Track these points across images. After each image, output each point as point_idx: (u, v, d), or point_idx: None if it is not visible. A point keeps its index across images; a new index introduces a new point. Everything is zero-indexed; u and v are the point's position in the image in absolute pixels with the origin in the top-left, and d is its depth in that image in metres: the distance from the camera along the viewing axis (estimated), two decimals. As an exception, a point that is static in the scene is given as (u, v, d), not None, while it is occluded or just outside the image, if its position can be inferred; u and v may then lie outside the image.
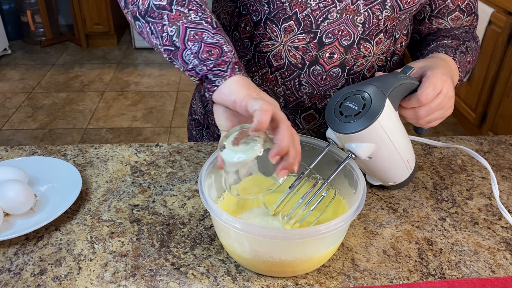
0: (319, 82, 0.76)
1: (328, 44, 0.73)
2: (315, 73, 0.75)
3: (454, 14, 0.82)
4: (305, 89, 0.77)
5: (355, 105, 0.60)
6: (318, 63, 0.74)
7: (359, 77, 0.78)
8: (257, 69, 0.79)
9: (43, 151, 0.84)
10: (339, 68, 0.75)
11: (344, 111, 0.60)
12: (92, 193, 0.74)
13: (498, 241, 0.66)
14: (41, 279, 0.59)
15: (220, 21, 0.82)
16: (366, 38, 0.74)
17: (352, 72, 0.76)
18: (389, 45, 0.78)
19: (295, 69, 0.76)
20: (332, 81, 0.77)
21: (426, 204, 0.73)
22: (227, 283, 0.59)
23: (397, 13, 0.73)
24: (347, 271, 0.61)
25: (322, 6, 0.70)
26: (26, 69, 3.33)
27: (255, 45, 0.76)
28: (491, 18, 2.32)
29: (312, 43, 0.73)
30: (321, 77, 0.76)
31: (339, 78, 0.77)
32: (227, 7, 0.79)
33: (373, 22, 0.72)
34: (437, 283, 0.59)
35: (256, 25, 0.75)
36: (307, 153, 0.68)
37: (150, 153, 0.84)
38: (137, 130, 2.66)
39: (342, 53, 0.74)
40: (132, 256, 0.63)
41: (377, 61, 0.78)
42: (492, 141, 0.90)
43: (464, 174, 0.80)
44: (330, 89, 0.78)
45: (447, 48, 0.75)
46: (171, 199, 0.73)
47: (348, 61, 0.75)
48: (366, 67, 0.77)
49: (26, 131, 2.61)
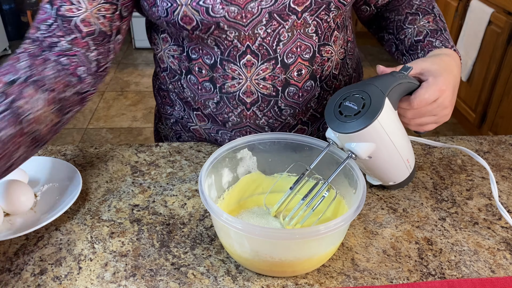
0: (297, 100, 0.76)
1: (292, 63, 0.72)
2: (291, 94, 0.75)
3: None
4: (287, 112, 0.77)
5: (355, 105, 0.60)
6: (290, 84, 0.74)
7: (331, 79, 0.78)
8: (231, 110, 0.77)
9: (43, 151, 0.84)
10: (311, 80, 0.75)
11: (344, 111, 0.61)
12: (92, 193, 0.74)
13: (498, 241, 0.66)
14: (41, 279, 0.59)
15: (164, 64, 0.80)
16: (324, 43, 0.73)
17: (323, 78, 0.76)
18: (344, 36, 0.78)
19: (271, 99, 0.75)
20: (308, 95, 0.76)
21: (426, 204, 0.73)
22: (227, 283, 0.59)
23: (343, 8, 0.72)
24: (347, 271, 0.61)
25: (271, 31, 0.69)
26: (26, 69, 3.33)
27: (220, 88, 0.75)
28: (491, 18, 2.32)
29: (277, 69, 0.72)
30: (298, 95, 0.75)
31: (315, 89, 0.76)
32: (171, 51, 0.76)
33: (324, 27, 0.72)
34: (437, 283, 0.59)
35: (213, 68, 0.73)
36: (307, 153, 0.68)
37: (150, 153, 0.84)
38: (137, 130, 2.66)
39: (308, 66, 0.73)
40: (132, 256, 0.63)
41: (339, 56, 0.78)
42: (492, 141, 0.90)
43: (464, 174, 0.80)
44: (309, 102, 0.78)
45: (437, 36, 0.73)
46: (171, 199, 0.73)
47: (316, 70, 0.75)
48: (333, 67, 0.77)
49: (26, 131, 2.61)
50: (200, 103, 0.79)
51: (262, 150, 0.69)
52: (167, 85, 0.83)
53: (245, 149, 0.68)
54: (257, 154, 0.69)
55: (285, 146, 0.69)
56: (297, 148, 0.68)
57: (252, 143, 0.68)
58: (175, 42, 0.74)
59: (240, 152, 0.68)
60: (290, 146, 0.68)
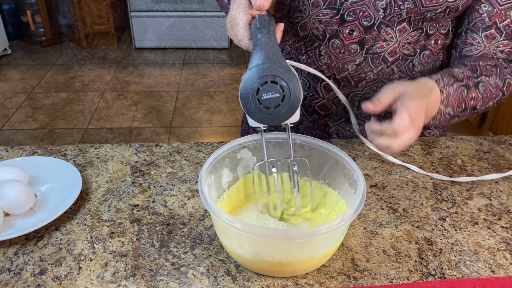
0: (337, 55, 0.82)
1: (349, 21, 0.78)
2: (334, 46, 0.81)
3: (489, 31, 0.78)
4: (324, 60, 0.83)
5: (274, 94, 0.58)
6: (338, 37, 0.80)
7: (379, 58, 0.81)
8: (288, 38, 0.88)
9: (43, 151, 0.84)
10: (358, 45, 0.80)
11: (264, 102, 0.58)
12: (92, 193, 0.74)
13: (498, 241, 0.66)
14: (41, 279, 0.59)
15: (306, 32, 0.85)
16: (387, 23, 0.77)
17: (371, 52, 0.80)
18: (417, 37, 0.80)
19: (316, 40, 0.83)
20: (349, 56, 0.81)
21: (426, 204, 0.73)
22: (227, 283, 0.59)
23: (420, 8, 0.75)
24: (347, 271, 0.61)
25: None
26: (26, 69, 3.33)
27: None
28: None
29: (335, 19, 0.78)
30: (339, 51, 0.81)
31: (357, 55, 0.81)
32: (319, 16, 0.80)
33: (394, 10, 0.76)
34: (437, 283, 0.59)
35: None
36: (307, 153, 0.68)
37: (150, 153, 0.84)
38: (137, 130, 2.66)
39: (361, 31, 0.79)
40: (132, 256, 0.63)
41: (401, 48, 0.81)
42: (492, 141, 0.90)
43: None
44: (347, 63, 0.82)
45: (446, 76, 0.73)
46: (171, 199, 0.73)
47: (368, 40, 0.80)
48: (387, 50, 0.80)
49: (26, 131, 2.61)
50: (335, 68, 0.84)
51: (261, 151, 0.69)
52: (298, 57, 0.88)
53: (245, 149, 0.68)
54: (257, 154, 0.69)
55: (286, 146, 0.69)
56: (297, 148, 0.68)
57: (252, 143, 0.68)
58: (329, 5, 0.78)
59: (240, 152, 0.68)
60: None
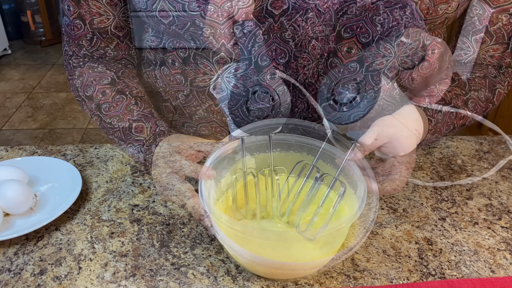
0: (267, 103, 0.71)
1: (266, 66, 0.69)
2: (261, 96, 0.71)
3: (479, 35, 0.75)
4: (255, 114, 0.72)
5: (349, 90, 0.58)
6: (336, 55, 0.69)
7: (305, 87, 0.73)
8: (199, 104, 0.79)
9: (43, 151, 0.84)
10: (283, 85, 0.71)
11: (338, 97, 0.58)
12: (92, 193, 0.74)
13: (498, 241, 0.66)
14: (41, 279, 0.59)
15: (142, 54, 0.83)
16: (385, 38, 0.67)
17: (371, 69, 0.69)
18: (415, 49, 0.68)
19: (240, 98, 0.71)
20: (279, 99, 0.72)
21: (426, 204, 0.73)
22: (227, 283, 0.59)
23: (419, 22, 0.67)
24: (347, 271, 0.61)
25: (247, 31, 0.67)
26: (26, 69, 3.33)
27: (190, 81, 0.75)
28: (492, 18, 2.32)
29: (250, 70, 0.68)
30: (268, 98, 0.71)
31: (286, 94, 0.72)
32: (148, 41, 0.78)
33: (393, 25, 0.66)
34: (437, 283, 0.59)
35: (186, 61, 0.73)
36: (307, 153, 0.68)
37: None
38: (137, 130, 2.66)
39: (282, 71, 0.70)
40: (132, 256, 0.63)
41: (400, 62, 0.68)
42: (492, 141, 0.90)
43: (464, 174, 0.80)
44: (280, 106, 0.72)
45: (434, 99, 0.69)
46: (171, 199, 0.73)
47: (290, 75, 0.71)
48: (309, 75, 0.72)
49: (26, 131, 2.61)
50: (170, 94, 0.83)
51: (262, 151, 0.69)
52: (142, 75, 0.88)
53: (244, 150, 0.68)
54: (257, 156, 0.69)
55: (287, 146, 0.69)
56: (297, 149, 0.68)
57: (252, 144, 0.68)
58: (155, 33, 0.76)
59: (239, 154, 0.68)
60: (291, 146, 0.68)
